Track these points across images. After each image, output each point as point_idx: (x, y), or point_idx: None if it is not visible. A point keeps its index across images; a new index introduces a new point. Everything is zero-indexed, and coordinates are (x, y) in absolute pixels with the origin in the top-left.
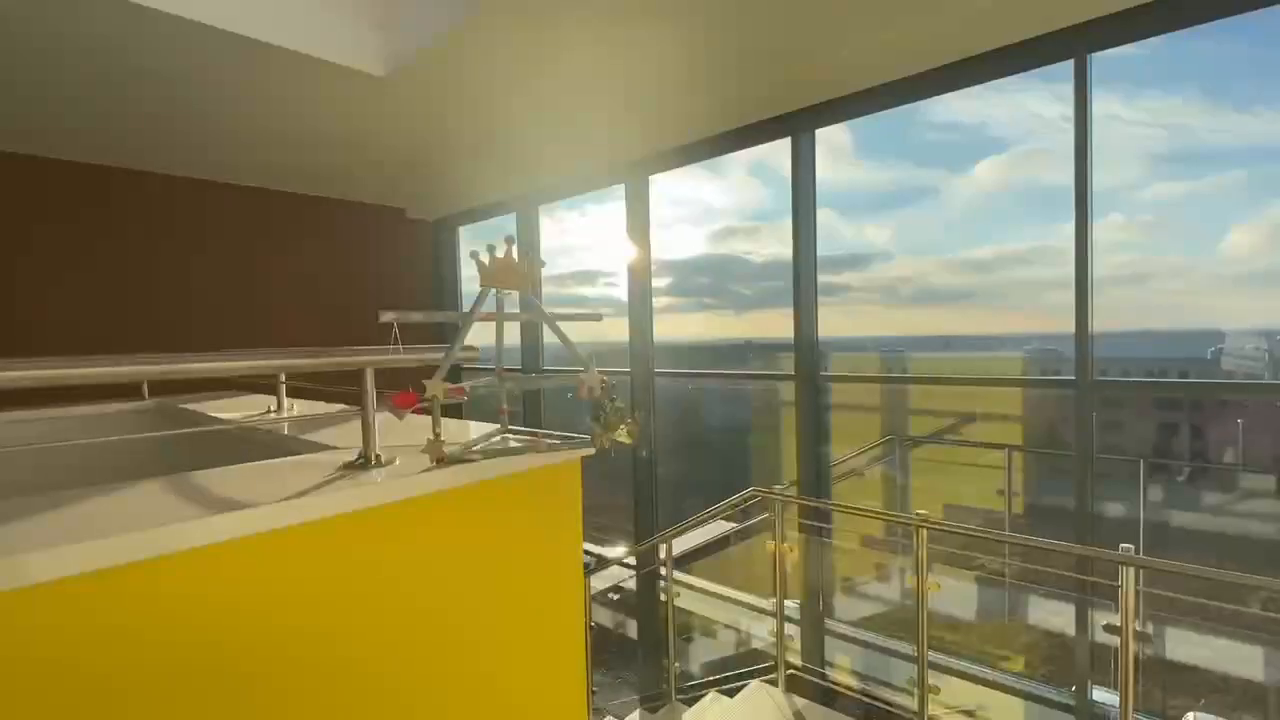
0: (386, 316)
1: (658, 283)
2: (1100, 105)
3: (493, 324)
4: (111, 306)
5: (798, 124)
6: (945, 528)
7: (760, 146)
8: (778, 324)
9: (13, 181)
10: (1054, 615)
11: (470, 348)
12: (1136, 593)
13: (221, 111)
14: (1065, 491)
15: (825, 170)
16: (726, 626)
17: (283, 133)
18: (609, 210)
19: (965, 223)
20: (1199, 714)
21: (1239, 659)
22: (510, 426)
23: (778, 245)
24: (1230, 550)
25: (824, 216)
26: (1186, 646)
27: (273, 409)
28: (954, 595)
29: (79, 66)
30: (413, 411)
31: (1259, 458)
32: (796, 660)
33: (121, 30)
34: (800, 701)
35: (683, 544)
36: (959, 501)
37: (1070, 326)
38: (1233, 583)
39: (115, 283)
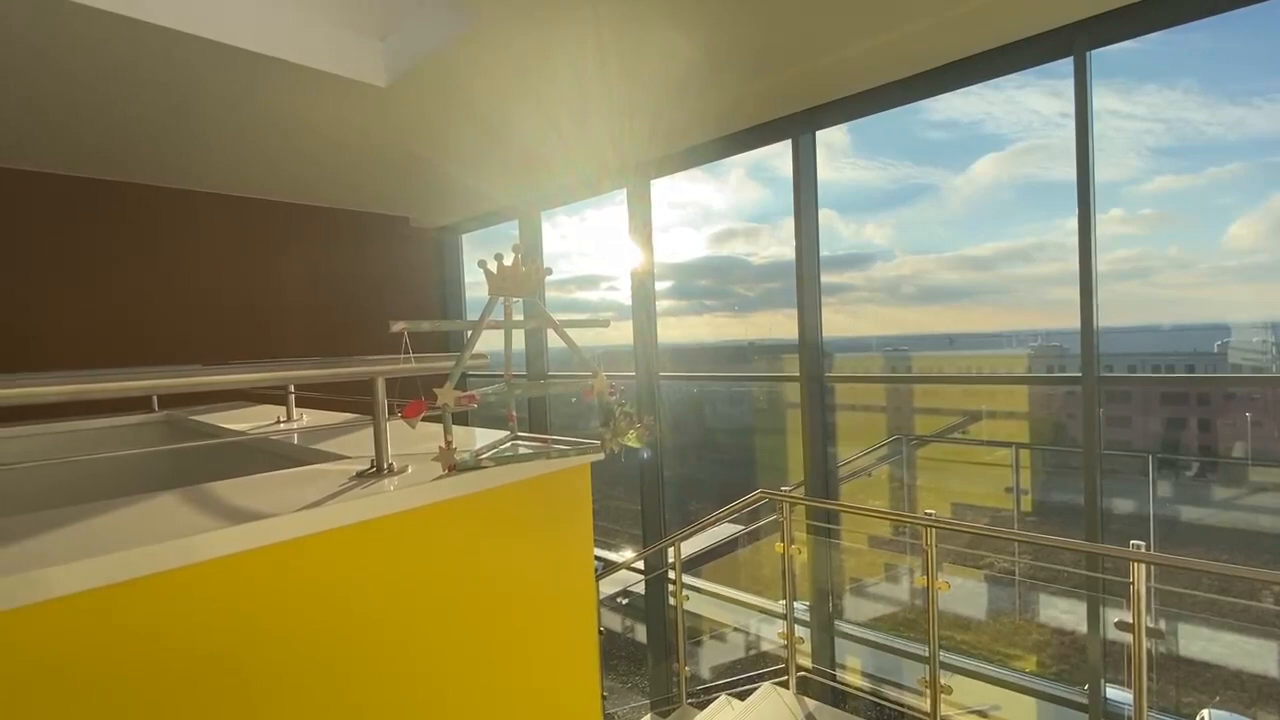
0: (397, 326)
1: (658, 286)
2: (1097, 100)
3: (495, 331)
4: (120, 320)
5: (798, 126)
6: (954, 527)
7: (759, 149)
8: (780, 325)
9: (16, 196)
10: (1065, 613)
11: (479, 355)
12: (1148, 589)
13: (227, 125)
14: (1074, 488)
15: (824, 170)
16: (736, 629)
17: (287, 144)
18: (608, 215)
19: (965, 220)
20: (1214, 711)
21: (1253, 654)
22: (519, 433)
23: (778, 246)
24: (1242, 545)
25: (824, 217)
26: (1200, 643)
27: (282, 419)
28: (964, 594)
29: (85, 81)
30: (422, 419)
31: (1269, 450)
32: (807, 662)
33: (128, 46)
34: (811, 704)
35: (691, 547)
36: (967, 500)
37: (1074, 322)
38: (1245, 577)
39: (123, 296)
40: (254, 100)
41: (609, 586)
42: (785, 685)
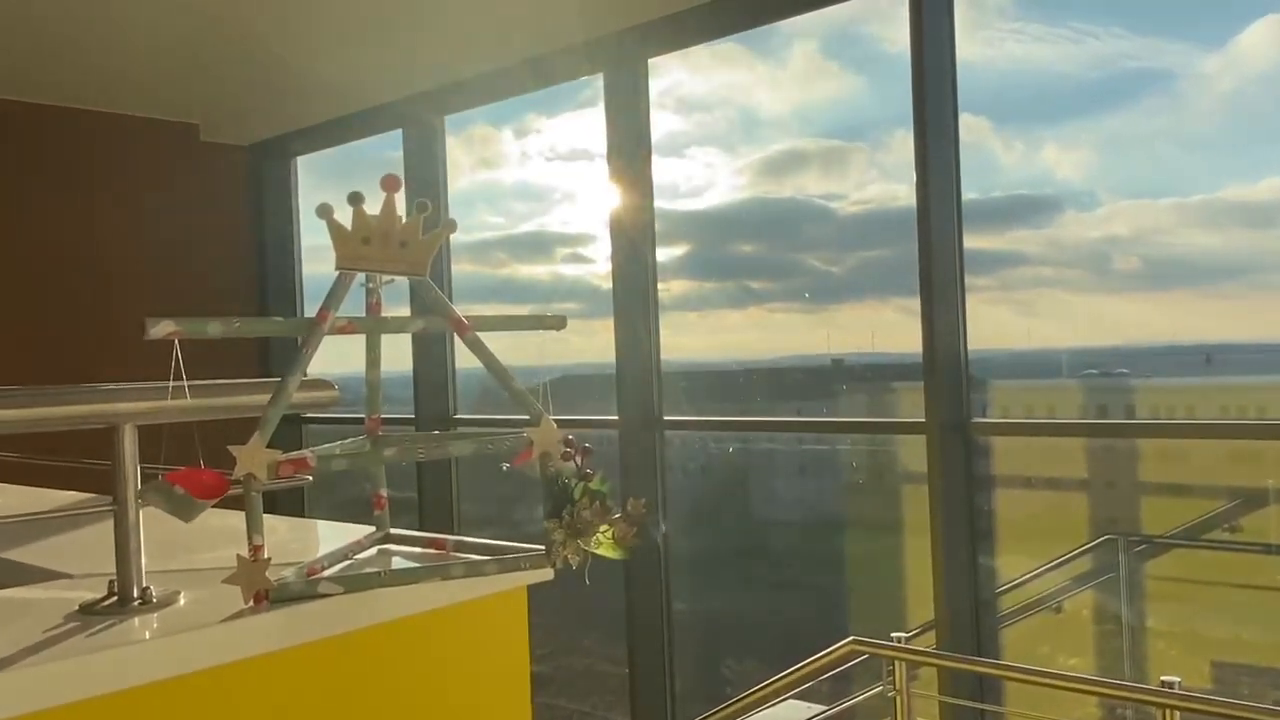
0: (159, 329)
1: (664, 254)
2: None
3: (361, 339)
4: None
5: None
6: (1215, 707)
7: (848, 3)
8: (889, 327)
9: None
10: None
11: (321, 383)
12: None
13: None
14: None
15: (967, 44)
16: None
17: None
18: (568, 125)
19: (1227, 137)
20: None
21: None
22: (394, 530)
23: (883, 183)
24: None
25: (968, 129)
26: None
27: None
28: None
29: None
30: (214, 505)
31: None
32: None
33: None
34: None
35: None
36: (1239, 656)
37: None
38: None
39: None
40: None
41: None
42: None
